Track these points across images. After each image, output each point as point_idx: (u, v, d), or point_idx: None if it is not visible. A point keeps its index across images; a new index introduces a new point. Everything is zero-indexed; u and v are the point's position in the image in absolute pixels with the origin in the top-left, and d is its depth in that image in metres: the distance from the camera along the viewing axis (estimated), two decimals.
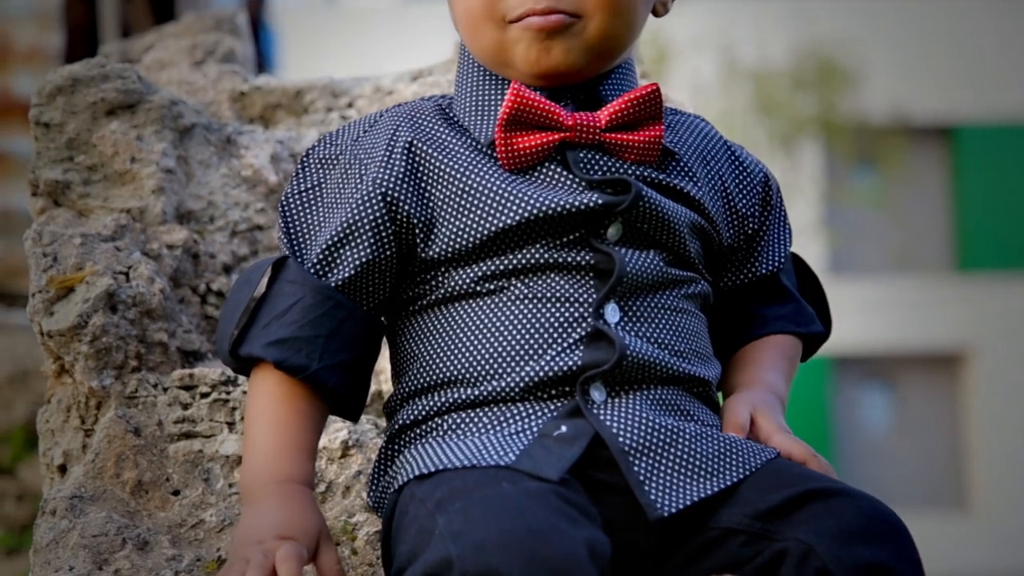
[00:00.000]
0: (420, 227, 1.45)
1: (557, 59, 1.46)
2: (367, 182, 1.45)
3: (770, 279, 1.62)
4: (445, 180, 1.46)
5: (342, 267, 1.44)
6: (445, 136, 1.49)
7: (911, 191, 17.88)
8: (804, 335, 1.63)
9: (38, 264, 1.73)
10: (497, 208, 1.43)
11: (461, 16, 1.51)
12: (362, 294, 1.46)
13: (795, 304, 1.63)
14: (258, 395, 1.44)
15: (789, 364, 1.61)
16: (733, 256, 1.60)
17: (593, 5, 1.45)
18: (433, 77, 2.22)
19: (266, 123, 2.24)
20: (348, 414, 1.51)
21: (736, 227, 1.58)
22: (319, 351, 1.42)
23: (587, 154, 1.46)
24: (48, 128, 1.85)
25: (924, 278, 18.24)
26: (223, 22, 2.55)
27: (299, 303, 1.43)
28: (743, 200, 1.58)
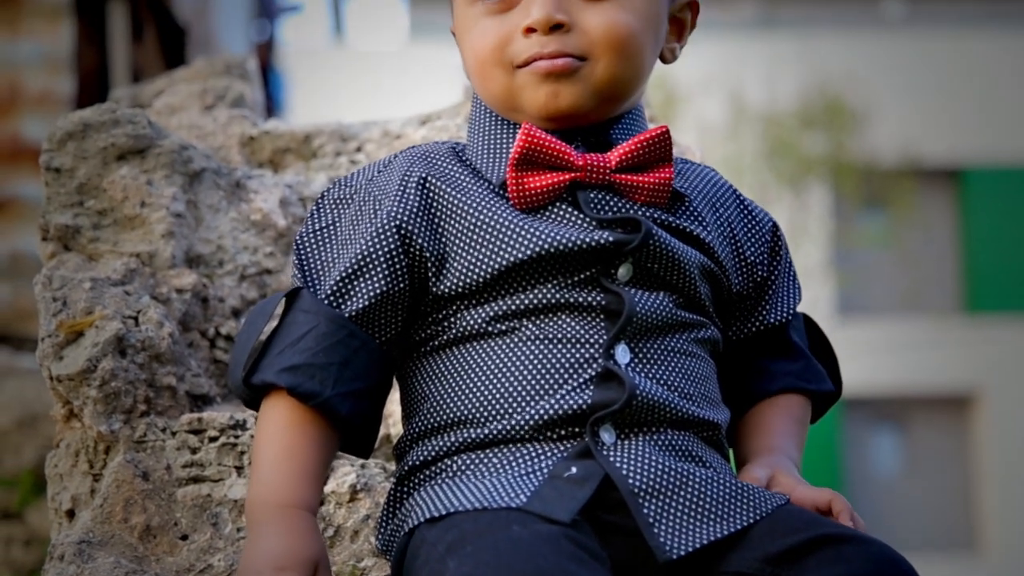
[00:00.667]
0: (433, 261, 1.46)
1: (566, 102, 1.47)
2: (381, 216, 1.46)
3: (779, 333, 1.61)
4: (458, 215, 1.46)
5: (356, 298, 1.45)
6: (458, 174, 1.50)
7: (920, 233, 17.87)
8: (814, 392, 1.62)
9: (48, 309, 1.74)
10: (508, 243, 1.43)
11: (471, 62, 1.52)
12: (375, 326, 1.46)
13: (805, 361, 1.62)
14: (268, 421, 1.44)
15: (800, 427, 1.61)
16: (742, 304, 1.60)
17: (600, 48, 1.47)
18: (442, 121, 2.23)
19: (275, 167, 2.25)
20: (359, 448, 1.50)
21: (745, 274, 1.58)
22: (332, 378, 1.42)
23: (597, 194, 1.47)
24: (59, 173, 1.86)
25: (933, 320, 18.20)
26: (233, 67, 2.56)
27: (313, 331, 1.43)
28: (751, 248, 1.59)
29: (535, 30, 1.46)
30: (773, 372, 1.60)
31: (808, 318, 1.67)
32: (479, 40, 1.50)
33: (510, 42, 1.48)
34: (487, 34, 1.49)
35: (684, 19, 1.60)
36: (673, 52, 1.59)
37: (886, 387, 17.61)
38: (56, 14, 4.83)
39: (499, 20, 1.49)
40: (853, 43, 19.07)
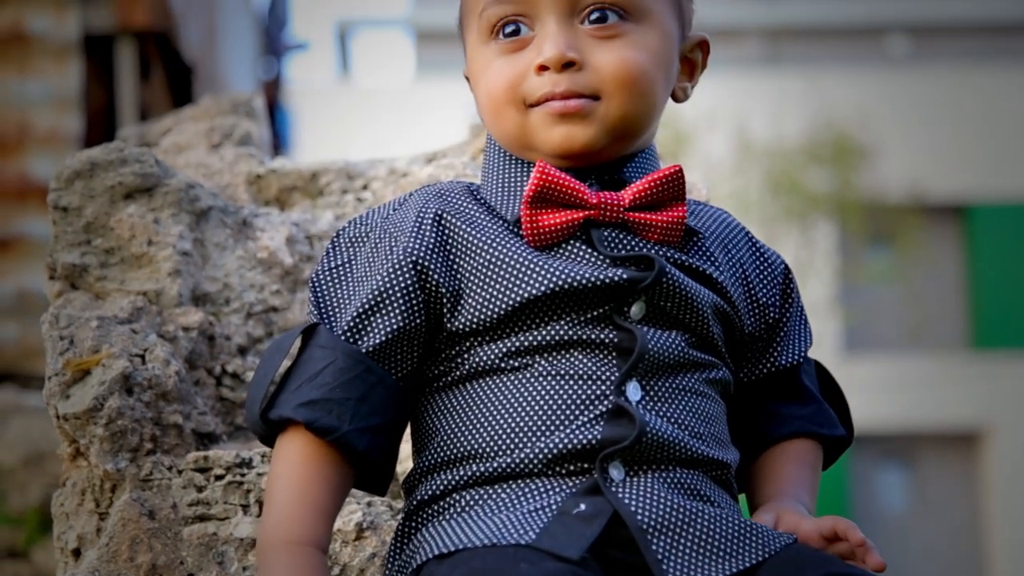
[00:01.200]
0: (448, 297, 1.46)
1: (579, 141, 1.48)
2: (398, 252, 1.46)
3: (790, 377, 1.61)
4: (472, 251, 1.47)
5: (373, 334, 1.44)
6: (473, 211, 1.50)
7: (926, 269, 17.86)
8: (825, 437, 1.61)
9: (55, 347, 1.74)
10: (523, 279, 1.44)
11: (484, 102, 1.53)
12: (392, 362, 1.45)
13: (816, 405, 1.61)
14: (283, 457, 1.43)
15: (812, 472, 1.60)
16: (753, 345, 1.59)
17: (612, 86, 1.47)
18: (448, 159, 2.23)
19: (282, 205, 2.26)
20: (375, 484, 1.49)
21: (757, 316, 1.58)
22: (350, 413, 1.42)
23: (611, 232, 1.47)
24: (66, 212, 1.87)
25: (940, 356, 18.17)
26: (240, 105, 2.57)
27: (330, 366, 1.43)
28: (763, 289, 1.59)
29: (547, 68, 1.47)
30: (784, 416, 1.60)
31: (819, 364, 1.66)
32: (493, 79, 1.51)
33: (523, 81, 1.49)
34: (500, 73, 1.50)
35: (695, 59, 1.61)
36: (685, 91, 1.60)
37: (893, 424, 17.57)
38: (64, 53, 4.86)
39: (512, 59, 1.50)
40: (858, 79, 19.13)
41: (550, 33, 1.48)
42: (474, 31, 1.55)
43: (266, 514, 1.42)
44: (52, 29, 4.88)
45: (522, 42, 1.50)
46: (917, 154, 18.38)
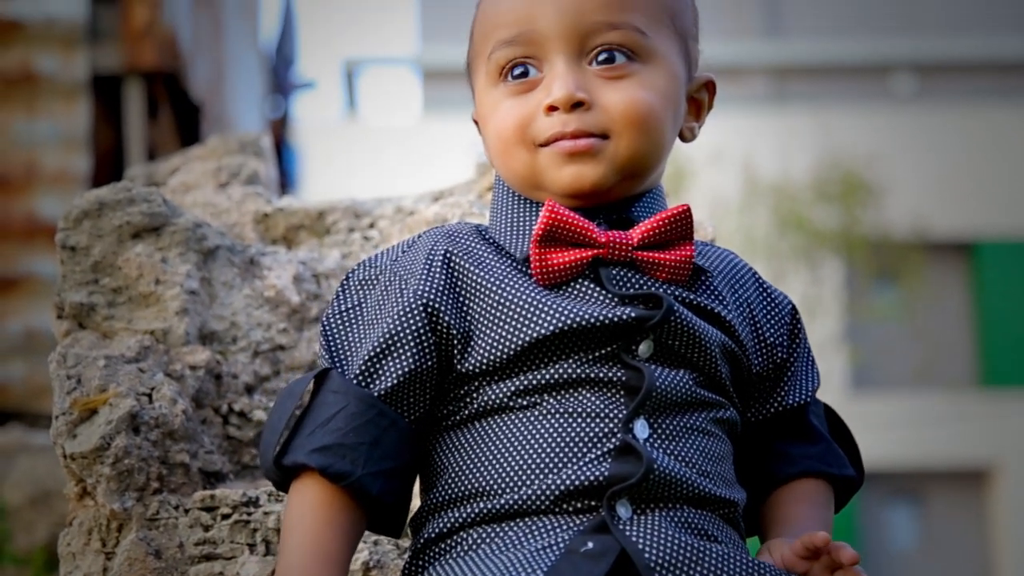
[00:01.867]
0: (458, 339, 1.46)
1: (589, 180, 1.48)
2: (408, 294, 1.46)
3: (798, 417, 1.60)
4: (482, 293, 1.47)
5: (385, 377, 1.45)
6: (481, 252, 1.51)
7: (933, 306, 17.85)
8: (835, 476, 1.59)
9: (62, 387, 1.74)
10: (531, 319, 1.44)
11: (493, 143, 1.54)
12: (404, 404, 1.46)
13: (825, 444, 1.60)
14: (297, 503, 1.43)
15: (823, 511, 1.58)
16: (761, 385, 1.59)
17: (621, 125, 1.48)
18: (454, 197, 2.24)
19: (289, 244, 2.26)
20: (389, 527, 1.49)
21: (765, 355, 1.58)
22: (363, 458, 1.42)
23: (619, 271, 1.48)
24: (74, 252, 1.87)
25: (948, 394, 18.12)
26: (247, 145, 2.58)
27: (343, 411, 1.43)
28: (771, 329, 1.59)
29: (557, 108, 1.48)
30: (792, 456, 1.59)
31: (828, 406, 1.65)
32: (502, 120, 1.52)
33: (532, 121, 1.50)
34: (510, 114, 1.51)
35: (702, 99, 1.62)
36: (692, 131, 1.61)
37: (902, 462, 17.51)
38: (73, 93, 4.89)
39: (521, 100, 1.51)
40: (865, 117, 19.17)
41: (559, 74, 1.49)
42: (482, 74, 1.56)
43: (280, 561, 1.42)
44: (60, 70, 4.90)
45: (531, 83, 1.51)
46: (924, 191, 18.40)
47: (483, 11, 1.58)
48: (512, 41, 1.52)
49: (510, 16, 1.53)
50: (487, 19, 1.56)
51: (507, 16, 1.53)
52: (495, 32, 1.53)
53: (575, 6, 1.50)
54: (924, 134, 19.18)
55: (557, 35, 1.50)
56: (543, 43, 1.51)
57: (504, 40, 1.52)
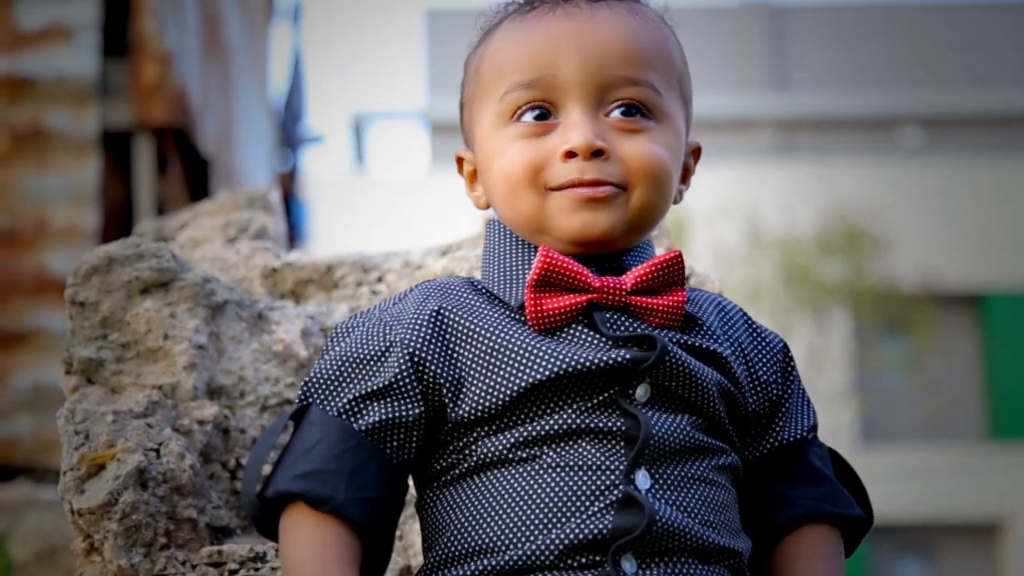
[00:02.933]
0: (448, 386, 1.46)
1: (599, 227, 1.49)
2: (396, 344, 1.47)
3: (798, 457, 1.59)
4: (473, 340, 1.47)
5: (367, 416, 1.45)
6: (473, 302, 1.52)
7: (942, 358, 17.81)
8: (842, 517, 1.57)
9: (70, 442, 1.74)
10: (526, 364, 1.44)
11: (499, 182, 1.54)
12: (386, 443, 1.46)
13: (829, 485, 1.58)
14: (289, 542, 1.42)
15: (832, 564, 1.56)
16: (757, 423, 1.59)
17: (636, 177, 1.50)
18: (462, 252, 2.24)
19: (297, 298, 2.27)
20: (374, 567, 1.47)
21: (760, 393, 1.58)
22: (344, 484, 1.42)
23: (613, 315, 1.48)
24: (83, 307, 1.88)
25: (958, 446, 18.06)
26: (256, 200, 2.59)
27: (323, 441, 1.43)
28: (763, 367, 1.59)
29: (575, 155, 1.49)
30: (795, 498, 1.57)
31: (832, 449, 1.65)
32: (512, 161, 1.52)
33: (547, 165, 1.51)
34: (521, 155, 1.52)
35: (689, 164, 1.64)
36: (681, 193, 1.62)
37: (913, 515, 17.41)
38: (83, 149, 4.92)
39: (535, 143, 1.52)
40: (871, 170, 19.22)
41: (577, 121, 1.51)
42: (490, 113, 1.56)
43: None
44: (71, 126, 4.94)
45: (546, 127, 1.52)
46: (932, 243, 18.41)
47: (496, 51, 1.58)
48: (531, 84, 1.53)
49: (530, 59, 1.54)
50: (502, 59, 1.57)
51: (527, 59, 1.54)
52: (512, 74, 1.54)
53: (599, 59, 1.52)
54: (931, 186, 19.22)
55: (578, 84, 1.52)
56: (562, 89, 1.52)
57: (522, 83, 1.53)
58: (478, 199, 1.63)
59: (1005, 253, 18.90)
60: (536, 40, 1.54)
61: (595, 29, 1.53)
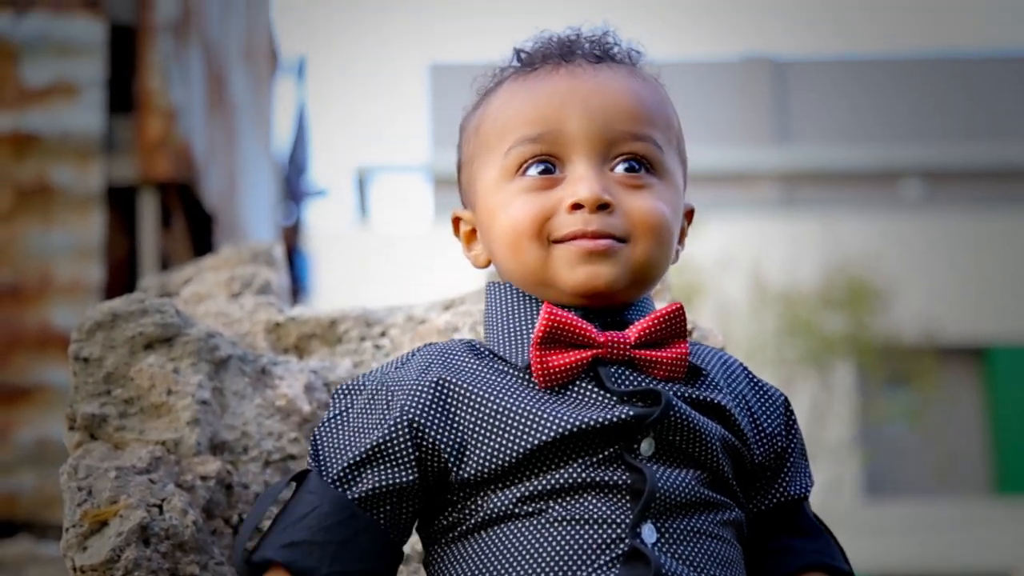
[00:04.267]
0: (450, 451, 1.46)
1: (603, 280, 1.50)
2: (394, 409, 1.48)
3: (798, 510, 1.61)
4: (476, 405, 1.48)
5: (361, 484, 1.46)
6: (475, 367, 1.52)
7: (946, 411, 17.77)
8: (837, 570, 1.59)
9: (73, 499, 1.74)
10: (531, 426, 1.45)
11: (504, 235, 1.55)
12: (381, 513, 1.46)
13: (825, 539, 1.61)
14: None
15: None
16: (763, 475, 1.59)
17: (640, 231, 1.52)
18: (465, 306, 2.25)
19: (300, 353, 2.27)
20: None
21: (765, 445, 1.58)
22: (330, 557, 1.42)
23: (618, 370, 1.49)
24: (87, 363, 1.89)
25: (963, 500, 17.97)
26: (260, 254, 2.59)
27: (315, 511, 1.44)
28: (767, 420, 1.60)
29: (581, 207, 1.50)
30: (797, 549, 1.59)
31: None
32: (517, 213, 1.54)
33: (552, 217, 1.52)
34: (527, 207, 1.53)
35: (685, 226, 1.66)
36: (677, 253, 1.64)
37: (918, 568, 17.30)
38: (87, 204, 4.94)
39: (541, 196, 1.53)
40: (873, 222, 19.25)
41: (584, 175, 1.52)
42: (493, 168, 1.58)
43: None
44: (76, 181, 4.96)
45: (551, 181, 1.54)
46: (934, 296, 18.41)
47: (500, 108, 1.60)
48: (537, 139, 1.54)
49: (536, 114, 1.55)
50: (506, 115, 1.58)
51: (532, 114, 1.56)
52: (517, 128, 1.56)
53: (604, 114, 1.54)
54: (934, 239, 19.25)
55: (584, 138, 1.53)
56: (568, 144, 1.54)
57: (528, 136, 1.55)
58: (476, 258, 1.65)
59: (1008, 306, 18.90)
60: (541, 96, 1.57)
61: (599, 86, 1.56)
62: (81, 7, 5.04)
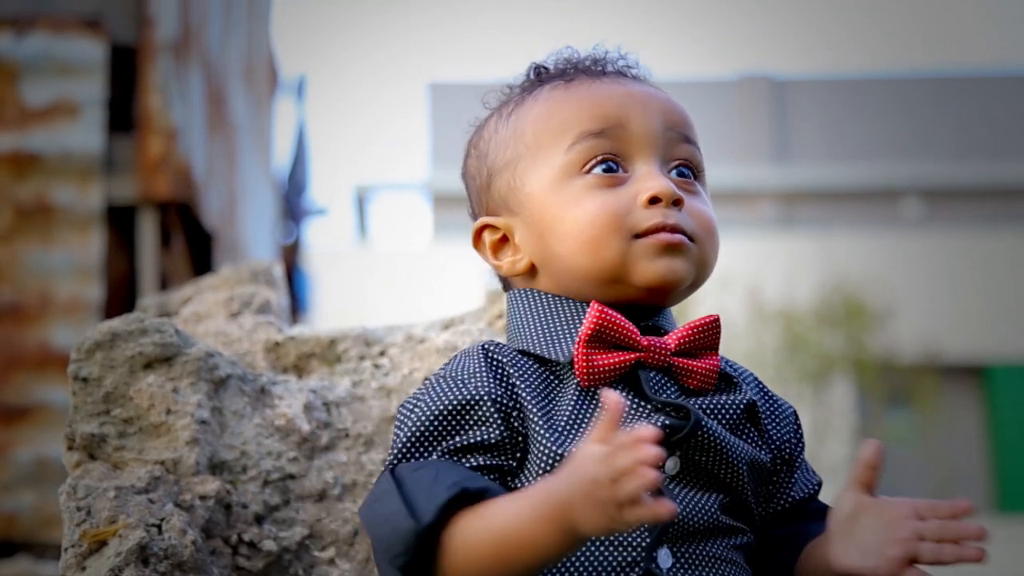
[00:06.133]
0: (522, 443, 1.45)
1: (679, 274, 1.52)
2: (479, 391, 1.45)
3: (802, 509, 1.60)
4: (527, 407, 1.46)
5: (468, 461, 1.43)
6: (521, 362, 1.51)
7: (946, 430, 17.76)
8: None
9: (72, 519, 1.74)
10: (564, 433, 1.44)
11: (578, 231, 1.53)
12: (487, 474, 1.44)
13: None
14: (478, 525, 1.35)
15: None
16: (771, 481, 1.59)
17: (703, 233, 1.54)
18: (464, 326, 2.25)
19: (300, 372, 2.27)
20: None
21: (774, 453, 1.58)
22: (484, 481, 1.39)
23: (657, 376, 1.49)
24: (86, 382, 1.89)
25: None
26: (259, 274, 2.60)
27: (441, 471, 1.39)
28: (776, 428, 1.60)
29: (658, 200, 1.51)
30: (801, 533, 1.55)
31: None
32: (595, 209, 1.52)
33: (630, 211, 1.52)
34: (604, 204, 1.53)
35: None
36: None
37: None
38: (87, 224, 4.95)
39: (612, 193, 1.54)
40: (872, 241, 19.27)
41: (653, 172, 1.54)
42: (550, 168, 1.57)
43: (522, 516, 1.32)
44: (76, 201, 4.97)
45: (617, 179, 1.54)
46: (934, 315, 18.41)
47: (550, 111, 1.59)
48: (602, 134, 1.55)
49: (598, 111, 1.56)
50: (561, 115, 1.58)
51: (595, 111, 1.56)
52: (580, 124, 1.56)
53: (663, 116, 1.57)
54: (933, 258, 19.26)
55: (647, 138, 1.55)
56: (631, 142, 1.55)
57: (593, 131, 1.55)
58: (514, 264, 1.62)
59: (1008, 324, 18.90)
60: (601, 96, 1.57)
61: (652, 92, 1.59)
62: (82, 27, 5.05)
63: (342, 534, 1.96)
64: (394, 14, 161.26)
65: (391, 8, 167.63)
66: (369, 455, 2.03)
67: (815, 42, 70.89)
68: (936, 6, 78.66)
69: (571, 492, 1.25)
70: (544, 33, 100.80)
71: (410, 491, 1.38)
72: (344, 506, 1.98)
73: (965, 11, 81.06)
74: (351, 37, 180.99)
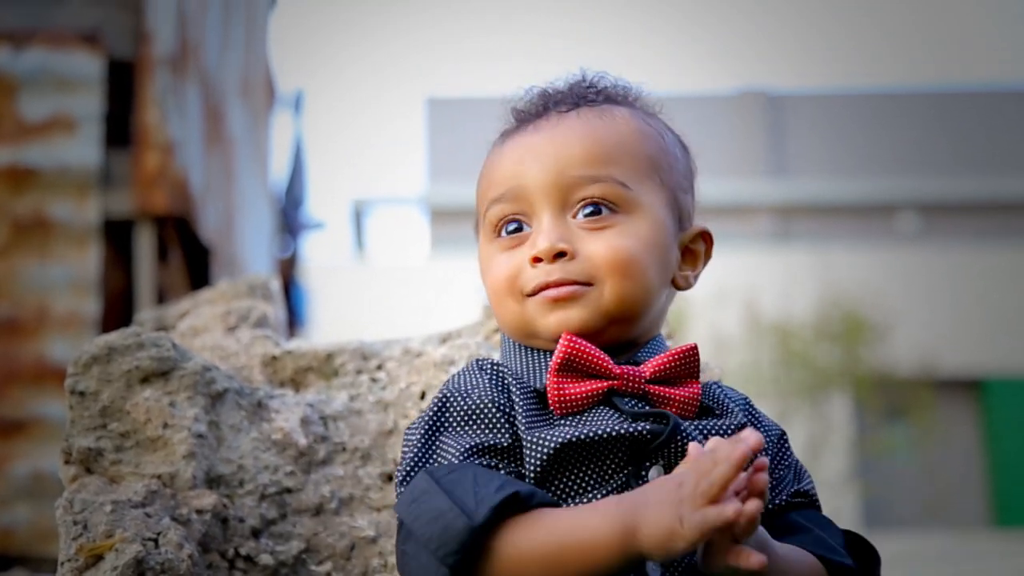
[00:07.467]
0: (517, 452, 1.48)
1: (574, 322, 1.54)
2: (487, 400, 1.50)
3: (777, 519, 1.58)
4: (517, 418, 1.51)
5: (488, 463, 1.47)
6: (508, 379, 1.56)
7: (943, 443, 17.76)
8: (828, 560, 1.52)
9: (68, 533, 1.74)
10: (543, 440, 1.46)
11: (489, 295, 1.63)
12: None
13: (814, 535, 1.55)
14: (530, 534, 1.36)
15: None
16: None
17: (604, 271, 1.55)
18: (462, 340, 2.25)
19: (297, 386, 2.27)
20: None
21: None
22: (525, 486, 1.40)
23: (631, 400, 1.52)
24: (83, 396, 1.89)
25: (961, 533, 17.92)
26: (256, 288, 2.60)
27: (475, 473, 1.41)
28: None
29: (541, 260, 1.56)
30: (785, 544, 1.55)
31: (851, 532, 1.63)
32: (495, 273, 1.61)
33: (520, 273, 1.58)
34: (502, 267, 1.60)
35: (697, 249, 1.68)
36: (687, 279, 1.66)
37: None
38: (84, 238, 4.94)
39: (512, 254, 1.60)
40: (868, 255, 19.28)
41: (544, 228, 1.58)
42: (481, 231, 1.66)
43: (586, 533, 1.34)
44: (73, 215, 4.97)
45: (521, 238, 1.60)
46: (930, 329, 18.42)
47: (481, 174, 1.68)
48: (501, 198, 1.62)
49: (499, 175, 1.63)
50: (483, 180, 1.67)
51: (497, 175, 1.63)
52: (489, 191, 1.64)
53: (557, 163, 1.59)
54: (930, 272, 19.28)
55: (542, 191, 1.59)
56: (530, 199, 1.60)
57: (494, 198, 1.62)
58: None
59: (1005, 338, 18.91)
60: (505, 157, 1.64)
61: (554, 137, 1.61)
62: (79, 42, 5.06)
63: (339, 548, 1.96)
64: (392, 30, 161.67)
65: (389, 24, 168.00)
66: (366, 469, 2.04)
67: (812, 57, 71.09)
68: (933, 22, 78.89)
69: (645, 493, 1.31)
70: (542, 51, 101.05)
71: (450, 491, 1.40)
72: (341, 520, 1.98)
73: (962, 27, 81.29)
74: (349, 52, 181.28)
